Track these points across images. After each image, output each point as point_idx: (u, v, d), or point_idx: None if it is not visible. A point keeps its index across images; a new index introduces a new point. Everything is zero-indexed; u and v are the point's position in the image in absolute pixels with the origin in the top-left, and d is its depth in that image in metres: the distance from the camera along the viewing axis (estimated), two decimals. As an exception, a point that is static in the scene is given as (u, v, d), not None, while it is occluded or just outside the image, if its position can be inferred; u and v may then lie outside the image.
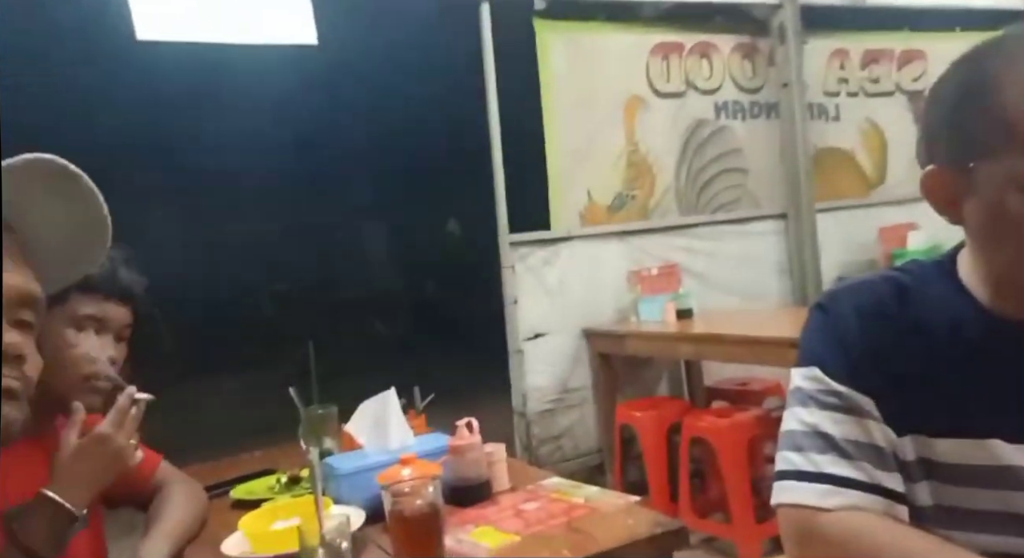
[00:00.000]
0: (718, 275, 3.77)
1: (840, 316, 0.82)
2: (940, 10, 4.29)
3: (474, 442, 1.36)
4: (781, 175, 3.96)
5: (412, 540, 1.03)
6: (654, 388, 3.62)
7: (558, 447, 3.35)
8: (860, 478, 0.76)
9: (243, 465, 1.78)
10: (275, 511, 1.29)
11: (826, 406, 0.80)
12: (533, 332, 3.31)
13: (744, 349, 2.77)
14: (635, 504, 1.26)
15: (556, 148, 3.43)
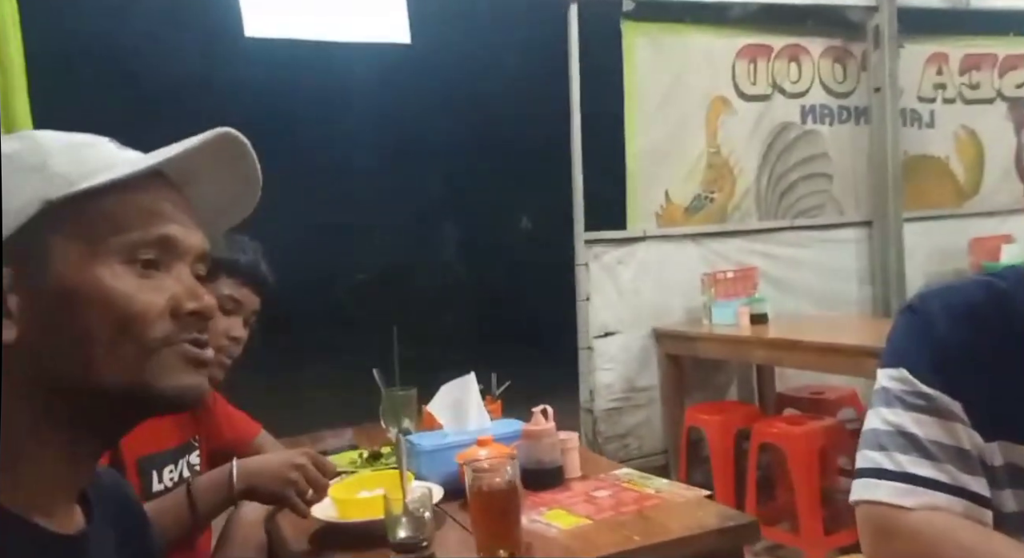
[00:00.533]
0: (797, 281, 3.69)
1: (930, 317, 0.82)
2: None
3: (549, 428, 1.40)
4: (868, 182, 3.84)
5: (490, 515, 1.08)
6: (724, 392, 3.58)
7: (624, 445, 3.36)
8: (943, 479, 0.76)
9: (326, 441, 1.88)
10: (359, 482, 1.37)
11: (912, 407, 0.80)
12: (604, 330, 3.33)
13: (819, 357, 2.72)
14: (705, 498, 1.28)
15: (636, 148, 3.44)
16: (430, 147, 3.16)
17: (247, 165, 0.67)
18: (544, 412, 1.44)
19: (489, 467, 1.10)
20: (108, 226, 0.58)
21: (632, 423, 3.38)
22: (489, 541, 1.07)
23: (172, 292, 0.61)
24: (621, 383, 3.35)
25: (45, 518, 0.57)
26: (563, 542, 1.13)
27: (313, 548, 1.20)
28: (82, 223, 0.58)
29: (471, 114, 3.22)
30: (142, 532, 0.75)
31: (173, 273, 0.62)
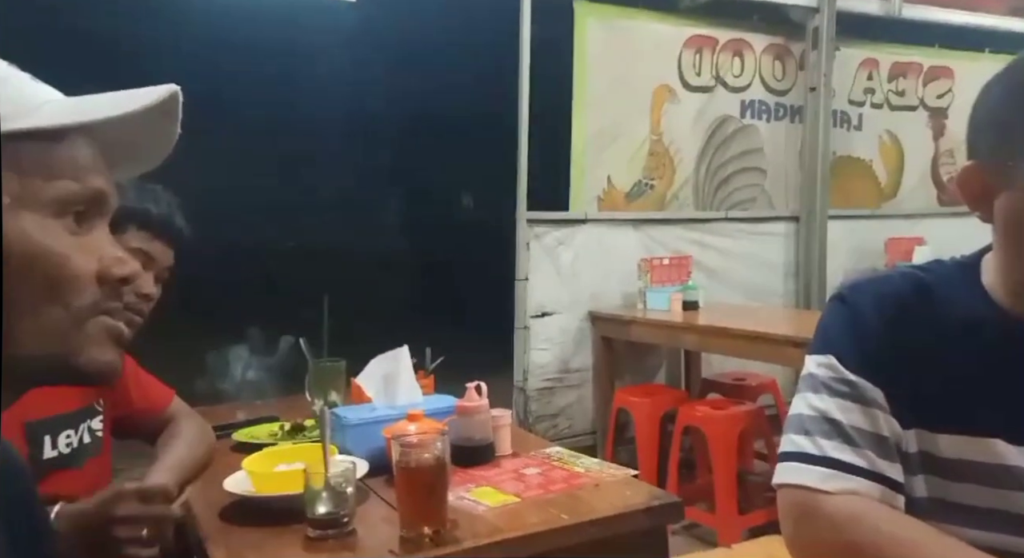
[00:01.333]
0: (727, 271, 3.79)
1: (859, 307, 0.84)
2: (972, 30, 4.27)
3: (482, 405, 1.39)
4: (798, 179, 3.96)
5: (416, 492, 1.06)
6: (653, 375, 3.66)
7: (554, 425, 3.39)
8: (862, 465, 0.78)
9: (247, 411, 1.81)
10: (277, 455, 1.31)
11: (837, 393, 0.82)
12: (541, 310, 3.34)
13: (745, 344, 2.81)
14: (632, 477, 1.29)
15: (582, 130, 3.44)
16: (374, 118, 3.08)
17: (170, 123, 0.61)
18: (478, 388, 1.43)
19: (418, 442, 1.08)
20: (40, 173, 0.52)
21: (563, 403, 3.42)
22: (414, 518, 1.05)
23: (100, 254, 0.56)
24: (555, 363, 3.38)
25: None
26: (490, 520, 1.12)
27: (224, 524, 1.15)
28: (13, 168, 0.51)
29: (418, 87, 3.15)
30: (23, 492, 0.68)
31: (96, 232, 0.57)
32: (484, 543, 1.04)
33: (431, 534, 1.04)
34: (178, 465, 1.30)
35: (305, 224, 3.11)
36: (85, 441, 1.22)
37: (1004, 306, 0.80)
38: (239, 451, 1.48)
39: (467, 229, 3.27)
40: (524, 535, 1.07)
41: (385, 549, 1.03)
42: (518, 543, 1.06)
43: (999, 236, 0.79)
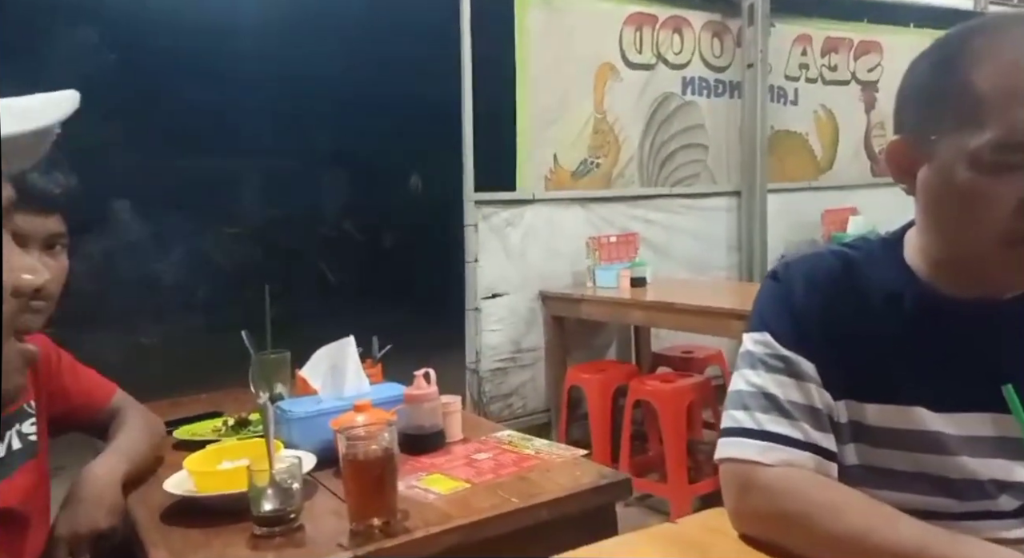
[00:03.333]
0: (673, 247, 3.85)
1: (790, 285, 0.87)
2: (897, 5, 4.41)
3: (431, 392, 1.38)
4: (738, 154, 4.04)
5: (364, 484, 1.05)
6: (604, 352, 3.71)
7: (508, 405, 3.41)
8: (797, 437, 0.81)
9: (187, 407, 1.76)
10: (221, 452, 1.28)
11: (772, 369, 0.84)
12: (491, 291, 3.34)
13: (691, 318, 2.87)
14: (582, 457, 1.31)
15: (526, 110, 3.42)
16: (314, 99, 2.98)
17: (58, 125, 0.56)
18: (426, 376, 1.42)
19: (364, 434, 1.06)
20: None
21: (516, 383, 3.44)
22: (363, 510, 1.04)
23: (9, 267, 0.53)
24: (507, 344, 3.39)
25: None
26: (440, 507, 1.12)
27: (166, 527, 1.11)
28: None
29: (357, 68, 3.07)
30: None
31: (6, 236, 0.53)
32: (435, 531, 1.04)
33: (381, 525, 1.04)
34: (126, 452, 1.26)
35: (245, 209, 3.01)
36: (15, 448, 1.14)
37: (924, 279, 0.83)
38: (181, 449, 1.44)
39: (414, 211, 3.22)
40: (475, 521, 1.08)
41: (334, 543, 1.02)
42: (469, 529, 1.07)
43: (919, 209, 0.82)
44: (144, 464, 1.28)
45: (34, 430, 1.20)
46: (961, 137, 0.72)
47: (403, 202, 3.29)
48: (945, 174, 0.74)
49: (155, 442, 1.36)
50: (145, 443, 1.33)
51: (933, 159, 0.76)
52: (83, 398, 1.34)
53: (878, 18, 4.47)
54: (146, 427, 1.37)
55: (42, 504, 1.21)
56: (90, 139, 2.30)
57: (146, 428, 1.37)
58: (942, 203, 0.76)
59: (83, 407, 1.33)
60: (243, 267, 2.94)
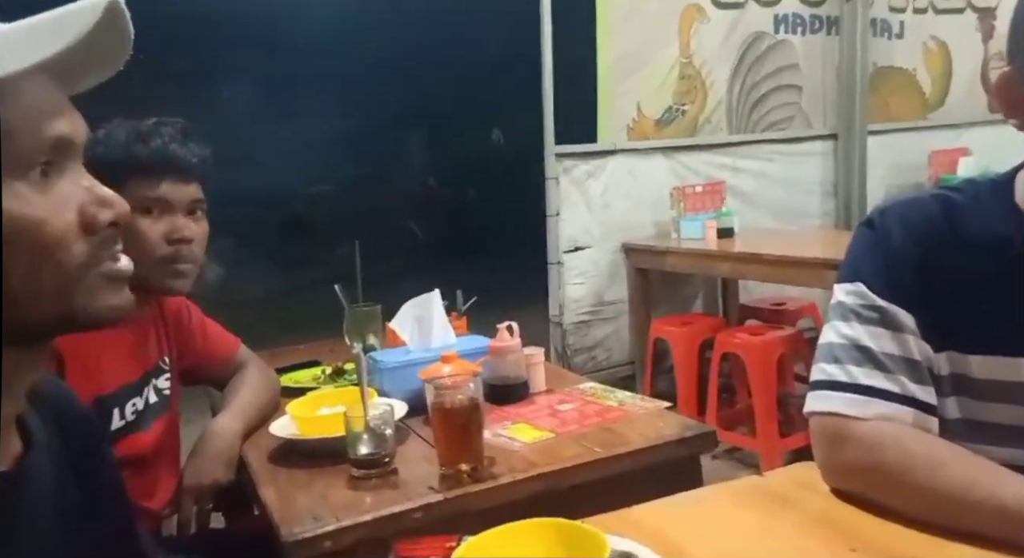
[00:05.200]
0: (763, 195, 3.71)
1: (887, 232, 0.83)
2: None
3: (514, 344, 1.41)
4: (836, 94, 3.80)
5: (451, 431, 1.09)
6: (690, 305, 3.65)
7: (592, 357, 3.43)
8: (894, 389, 0.79)
9: (286, 357, 1.86)
10: (320, 399, 1.35)
11: (866, 321, 0.81)
12: (573, 244, 3.32)
13: (781, 269, 2.77)
14: (666, 409, 1.31)
15: (608, 58, 3.32)
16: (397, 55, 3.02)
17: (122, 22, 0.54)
18: (509, 328, 1.45)
19: (451, 384, 1.10)
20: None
21: (600, 336, 3.44)
22: (451, 456, 1.09)
23: (79, 202, 0.54)
24: (590, 297, 3.39)
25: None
26: (525, 455, 1.15)
27: (273, 466, 1.20)
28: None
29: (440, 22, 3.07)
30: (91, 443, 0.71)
31: (69, 176, 0.55)
32: (520, 478, 1.08)
33: (469, 471, 1.08)
34: (244, 409, 1.35)
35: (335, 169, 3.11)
36: (151, 402, 1.25)
37: None
38: (284, 395, 1.53)
39: (496, 166, 3.24)
40: (558, 469, 1.10)
41: (425, 486, 1.07)
42: (553, 477, 1.10)
43: None
44: (261, 419, 1.37)
45: (168, 385, 1.31)
46: None
47: (485, 157, 3.31)
48: None
49: (271, 397, 1.44)
50: (263, 399, 1.41)
51: None
52: (210, 354, 1.44)
53: (1001, -63, 4.05)
54: (264, 383, 1.45)
55: (173, 452, 1.33)
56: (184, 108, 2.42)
57: (264, 384, 1.45)
58: None
59: (210, 362, 1.44)
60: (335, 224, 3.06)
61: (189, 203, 1.22)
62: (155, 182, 1.18)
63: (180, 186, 1.20)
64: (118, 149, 1.15)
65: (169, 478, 1.27)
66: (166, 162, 1.18)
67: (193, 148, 1.22)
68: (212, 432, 1.28)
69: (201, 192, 1.24)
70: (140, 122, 1.20)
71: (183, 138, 1.21)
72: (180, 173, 1.20)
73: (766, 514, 0.84)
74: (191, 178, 1.22)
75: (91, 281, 0.55)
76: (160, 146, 1.18)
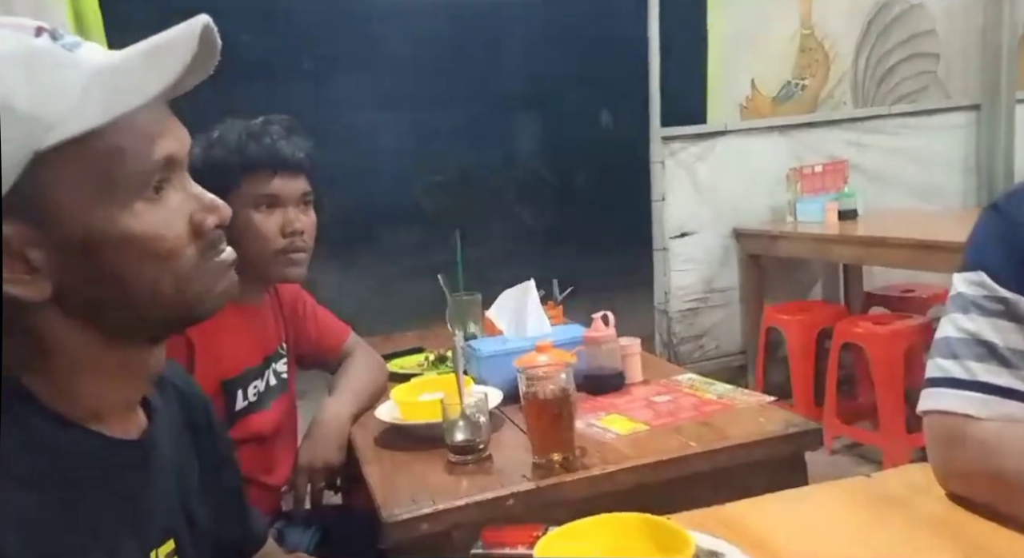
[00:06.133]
0: (893, 174, 3.44)
1: (1014, 217, 0.76)
2: None
3: (609, 334, 1.39)
4: (979, 61, 3.44)
5: (544, 421, 1.10)
6: (807, 292, 3.45)
7: (699, 346, 3.33)
8: (1020, 387, 0.72)
9: (397, 342, 1.94)
10: (423, 385, 1.41)
11: (990, 313, 0.75)
12: (680, 230, 3.23)
13: (910, 254, 2.56)
14: (769, 404, 1.26)
15: (719, 33, 3.18)
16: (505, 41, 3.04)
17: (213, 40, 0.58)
18: (604, 318, 1.43)
19: (543, 374, 1.11)
20: (113, 162, 0.55)
21: (708, 324, 3.33)
22: (544, 445, 1.09)
23: (188, 211, 0.61)
24: (698, 284, 3.29)
25: (107, 426, 0.62)
26: (618, 447, 1.14)
27: (378, 448, 1.26)
28: (83, 165, 0.54)
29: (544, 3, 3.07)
30: (209, 422, 0.80)
31: (177, 186, 0.61)
32: (612, 469, 1.07)
33: (560, 460, 1.08)
34: (352, 393, 1.43)
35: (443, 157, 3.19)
36: (271, 384, 1.34)
37: None
38: (392, 380, 1.60)
39: (603, 151, 3.20)
40: (652, 462, 1.09)
41: (519, 474, 1.08)
42: (646, 469, 1.08)
43: None
44: (369, 403, 1.44)
45: (285, 368, 1.41)
46: None
47: (592, 142, 3.28)
48: None
49: (379, 383, 1.52)
50: (371, 384, 1.49)
51: None
52: (323, 341, 1.52)
53: None
54: (372, 369, 1.53)
55: (290, 431, 1.43)
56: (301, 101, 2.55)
57: (372, 370, 1.53)
58: None
59: (322, 348, 1.53)
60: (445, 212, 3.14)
61: (299, 196, 1.29)
62: (267, 179, 1.25)
63: (290, 180, 1.27)
64: (232, 150, 1.23)
65: (288, 455, 1.36)
66: (276, 159, 1.25)
67: (299, 143, 1.28)
68: (324, 417, 1.36)
69: (308, 184, 1.31)
70: (248, 122, 1.27)
71: (289, 134, 1.27)
72: (289, 168, 1.27)
73: (872, 517, 0.79)
74: (299, 172, 1.29)
75: (202, 277, 0.62)
76: (270, 144, 1.25)
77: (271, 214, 1.26)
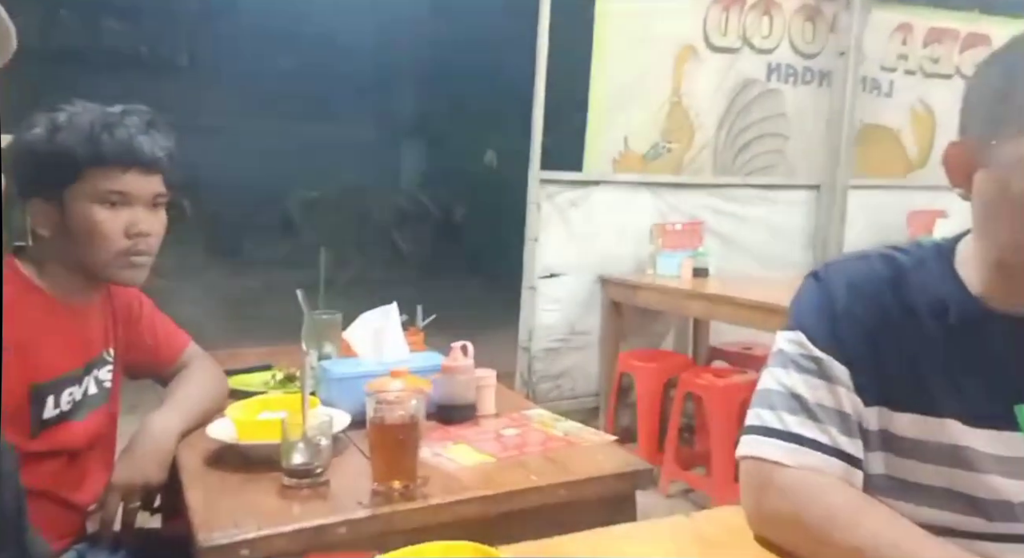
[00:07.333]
0: (742, 239, 3.74)
1: (831, 286, 0.84)
2: (1013, -7, 4.06)
3: (466, 365, 1.40)
4: (821, 146, 3.86)
5: (387, 447, 1.08)
6: (660, 341, 3.65)
7: (557, 386, 3.42)
8: (824, 441, 0.79)
9: (244, 358, 1.83)
10: (264, 403, 1.33)
11: (804, 370, 0.82)
12: (549, 271, 3.33)
13: (753, 313, 2.78)
14: (610, 443, 1.30)
15: (601, 90, 3.36)
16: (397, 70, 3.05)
17: None
18: (464, 348, 1.44)
19: (394, 399, 1.09)
20: None
21: (568, 365, 3.43)
22: (385, 472, 1.07)
23: None
24: (562, 325, 3.39)
25: None
26: (461, 478, 1.14)
27: (206, 469, 1.18)
28: None
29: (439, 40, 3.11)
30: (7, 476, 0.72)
31: None
32: (451, 500, 1.06)
33: (401, 488, 1.06)
34: (184, 407, 1.32)
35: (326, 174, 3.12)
36: (91, 393, 1.22)
37: (972, 290, 0.78)
38: (232, 398, 1.50)
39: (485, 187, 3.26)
40: (492, 494, 1.09)
41: (355, 501, 1.05)
42: (486, 501, 1.08)
43: (974, 216, 0.77)
44: (201, 419, 1.33)
45: (109, 377, 1.28)
46: (1021, 144, 0.68)
47: (477, 176, 3.32)
48: (1002, 180, 0.70)
49: (216, 399, 1.40)
50: (206, 400, 1.37)
51: (991, 164, 0.72)
52: (157, 349, 1.40)
53: (992, 9, 4.15)
54: (209, 384, 1.42)
55: (107, 446, 1.30)
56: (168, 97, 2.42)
57: (208, 385, 1.41)
58: (997, 210, 0.72)
59: (157, 357, 1.41)
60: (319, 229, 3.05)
61: (151, 196, 1.19)
62: (118, 174, 1.14)
63: (143, 179, 1.17)
64: (82, 139, 1.12)
65: (101, 472, 1.24)
66: (131, 154, 1.15)
67: (159, 139, 1.19)
68: (147, 430, 1.25)
69: (163, 185, 1.22)
70: (104, 109, 1.16)
71: (148, 128, 1.18)
72: (144, 166, 1.17)
73: (689, 555, 0.84)
74: (155, 171, 1.19)
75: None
76: (126, 137, 1.14)
77: (117, 212, 1.15)
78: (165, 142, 1.20)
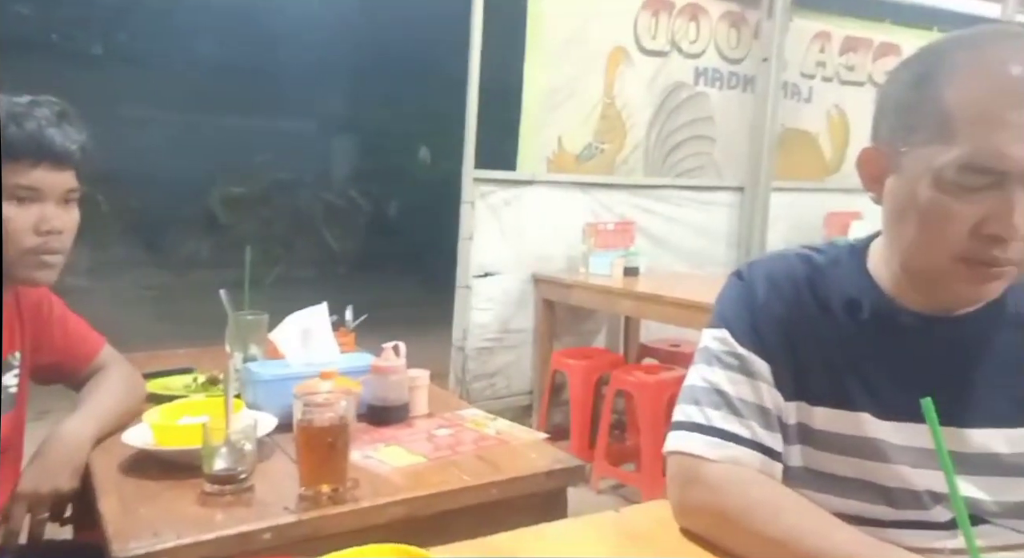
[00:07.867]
0: (672, 239, 3.83)
1: (753, 285, 0.86)
2: (922, 7, 4.32)
3: (397, 365, 1.38)
4: (746, 149, 4.00)
5: (316, 450, 1.05)
6: (592, 340, 3.70)
7: (491, 384, 3.42)
8: (745, 434, 0.81)
9: (164, 360, 1.76)
10: (185, 408, 1.28)
11: (727, 366, 0.85)
12: (483, 270, 3.33)
13: (681, 312, 2.85)
14: (542, 441, 1.31)
15: (534, 89, 3.38)
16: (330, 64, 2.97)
17: None
18: (395, 348, 1.42)
19: (321, 402, 1.06)
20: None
21: (501, 364, 3.44)
22: (313, 476, 1.05)
23: None
24: (495, 324, 3.39)
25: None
26: (392, 479, 1.12)
27: (121, 476, 1.12)
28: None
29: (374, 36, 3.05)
30: None
31: None
32: (381, 502, 1.05)
33: (330, 492, 1.04)
34: (97, 413, 1.26)
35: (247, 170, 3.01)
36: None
37: (883, 289, 0.82)
38: (152, 402, 1.44)
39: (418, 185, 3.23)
40: (423, 495, 1.08)
41: (281, 506, 1.02)
42: (417, 503, 1.07)
43: (883, 219, 0.81)
44: (116, 425, 1.27)
45: (15, 383, 1.20)
46: (929, 152, 0.71)
47: (410, 174, 3.28)
48: (909, 188, 0.74)
49: (132, 403, 1.34)
50: (121, 405, 1.31)
51: (900, 171, 0.75)
52: (69, 352, 1.33)
53: (902, 20, 4.39)
54: (125, 388, 1.35)
55: (13, 455, 1.22)
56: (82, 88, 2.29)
57: (124, 389, 1.35)
58: (904, 216, 0.76)
59: (68, 361, 1.33)
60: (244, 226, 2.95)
61: (63, 192, 1.13)
62: (27, 168, 1.08)
63: (54, 173, 1.11)
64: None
65: (7, 483, 1.16)
66: (41, 148, 1.08)
67: (71, 132, 1.12)
68: (58, 436, 1.18)
69: (76, 180, 1.15)
70: (11, 99, 1.09)
71: (60, 121, 1.11)
72: (55, 160, 1.10)
73: (619, 550, 0.85)
74: (67, 165, 1.12)
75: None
76: (35, 129, 1.08)
77: (26, 208, 1.09)
78: (77, 135, 1.14)
